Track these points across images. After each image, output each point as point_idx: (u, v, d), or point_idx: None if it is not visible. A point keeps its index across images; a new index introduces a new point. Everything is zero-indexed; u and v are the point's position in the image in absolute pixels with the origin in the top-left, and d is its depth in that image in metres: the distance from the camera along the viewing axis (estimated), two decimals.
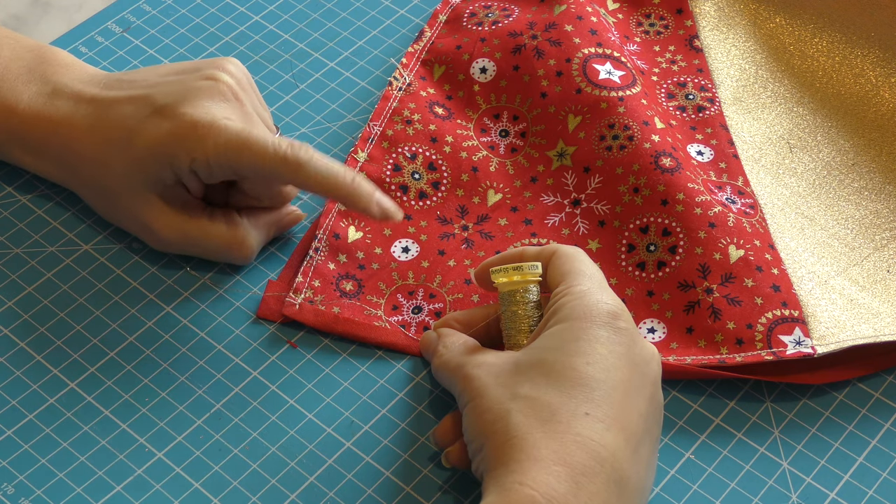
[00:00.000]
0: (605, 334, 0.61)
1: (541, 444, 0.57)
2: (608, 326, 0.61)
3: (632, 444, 0.59)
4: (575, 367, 0.60)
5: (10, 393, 0.69)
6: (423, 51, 0.85)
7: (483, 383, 0.62)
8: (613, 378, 0.60)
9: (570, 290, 0.63)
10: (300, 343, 0.72)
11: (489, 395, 0.61)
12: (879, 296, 0.73)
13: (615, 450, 0.58)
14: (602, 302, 0.62)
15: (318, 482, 0.66)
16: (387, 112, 0.81)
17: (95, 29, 0.88)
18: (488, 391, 0.61)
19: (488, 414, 0.60)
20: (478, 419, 0.61)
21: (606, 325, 0.61)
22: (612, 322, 0.62)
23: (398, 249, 0.76)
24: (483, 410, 0.61)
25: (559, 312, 0.63)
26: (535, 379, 0.60)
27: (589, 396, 0.59)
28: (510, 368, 0.62)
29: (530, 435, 0.58)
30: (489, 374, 0.62)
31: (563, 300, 0.63)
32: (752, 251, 0.73)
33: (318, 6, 0.90)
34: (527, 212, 0.78)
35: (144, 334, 0.72)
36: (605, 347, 0.61)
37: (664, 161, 0.76)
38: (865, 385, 0.71)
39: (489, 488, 0.58)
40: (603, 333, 0.61)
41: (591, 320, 0.61)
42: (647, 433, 0.60)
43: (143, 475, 0.66)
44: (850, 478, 0.67)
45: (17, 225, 0.77)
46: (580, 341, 0.61)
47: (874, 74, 0.84)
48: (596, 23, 0.83)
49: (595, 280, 0.64)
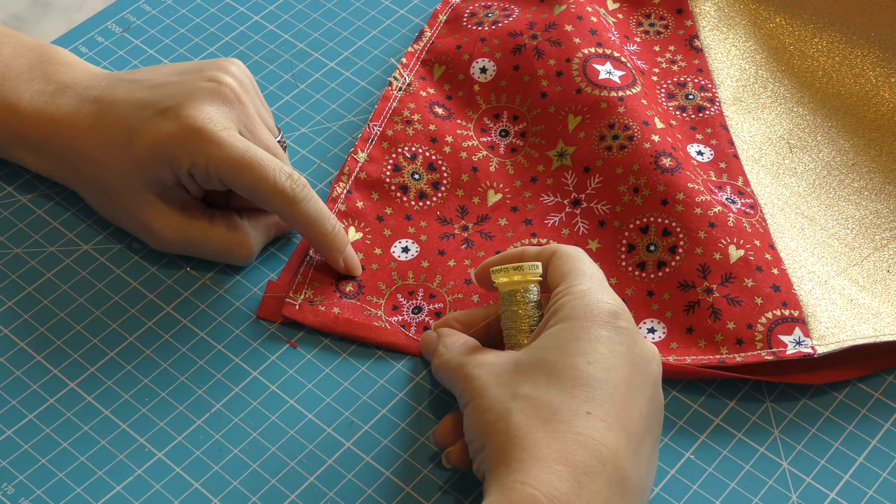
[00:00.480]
0: (606, 334, 0.61)
1: (542, 443, 0.57)
2: (609, 326, 0.61)
3: (633, 444, 0.59)
4: (576, 366, 0.60)
5: (11, 393, 0.69)
6: (423, 51, 0.85)
7: (484, 383, 0.62)
8: (614, 377, 0.60)
9: (571, 289, 0.63)
10: (300, 343, 0.72)
11: (490, 395, 0.61)
12: (879, 296, 0.73)
13: (617, 449, 0.58)
14: (603, 301, 0.62)
15: (318, 482, 0.66)
16: (387, 112, 0.81)
17: (95, 29, 0.88)
18: (489, 391, 0.61)
19: (489, 413, 0.60)
20: (479, 419, 0.61)
21: (607, 325, 0.61)
22: (612, 321, 0.62)
23: (398, 250, 0.76)
24: (484, 410, 0.61)
25: (559, 312, 0.63)
26: (535, 378, 0.60)
27: (590, 396, 0.59)
28: (511, 368, 0.62)
29: (531, 434, 0.58)
30: (490, 374, 0.62)
31: (564, 300, 0.63)
32: (752, 251, 0.73)
33: (318, 6, 0.90)
34: (527, 212, 0.78)
35: (144, 334, 0.72)
36: (605, 347, 0.61)
37: (664, 161, 0.76)
38: (865, 385, 0.71)
39: (491, 488, 0.58)
40: (604, 333, 0.61)
41: (592, 320, 0.61)
42: (647, 433, 0.60)
43: (143, 475, 0.66)
44: (850, 478, 0.67)
45: (17, 225, 0.77)
46: (581, 341, 0.61)
47: (874, 74, 0.84)
48: (596, 23, 0.83)
49: (595, 280, 0.64)
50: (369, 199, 0.77)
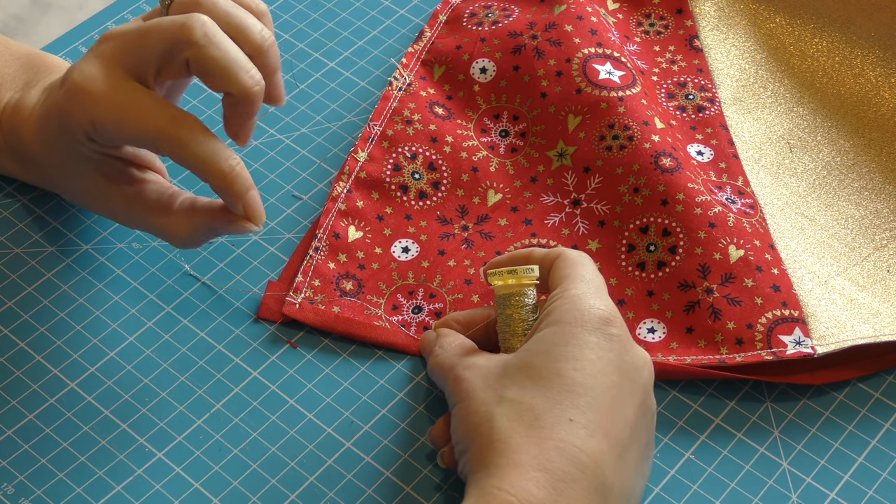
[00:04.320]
0: (595, 339, 0.61)
1: (522, 448, 0.57)
2: (599, 332, 0.61)
3: (616, 451, 0.58)
4: (561, 372, 0.59)
5: (11, 393, 0.69)
6: (423, 51, 0.85)
7: (471, 385, 0.62)
8: (600, 384, 0.59)
9: (565, 293, 0.63)
10: (300, 343, 0.72)
11: (476, 398, 0.61)
12: (879, 296, 0.73)
13: (598, 457, 0.57)
14: (595, 307, 0.62)
15: (318, 482, 0.66)
16: (387, 112, 0.81)
17: (96, 29, 0.88)
18: (476, 393, 0.61)
19: (474, 416, 0.60)
20: (464, 421, 0.61)
21: (597, 331, 0.61)
22: (602, 328, 0.61)
23: (398, 249, 0.76)
24: (469, 413, 0.60)
25: (551, 315, 0.62)
26: (522, 382, 0.60)
27: (574, 402, 0.59)
28: (499, 371, 0.61)
29: (512, 439, 0.58)
30: (478, 376, 0.62)
31: (556, 303, 0.63)
32: (751, 251, 0.73)
33: (318, 6, 0.90)
34: (527, 212, 0.78)
35: (144, 334, 0.72)
36: (593, 353, 0.60)
37: (664, 161, 0.76)
38: (865, 385, 0.71)
39: (470, 491, 0.58)
40: (592, 339, 0.61)
41: (582, 325, 0.61)
42: (634, 440, 0.60)
43: (143, 475, 0.66)
44: (850, 478, 0.67)
45: (17, 225, 0.77)
46: (569, 346, 0.60)
47: (874, 74, 0.84)
48: (596, 23, 0.83)
49: (592, 285, 0.64)
50: (369, 198, 0.77)
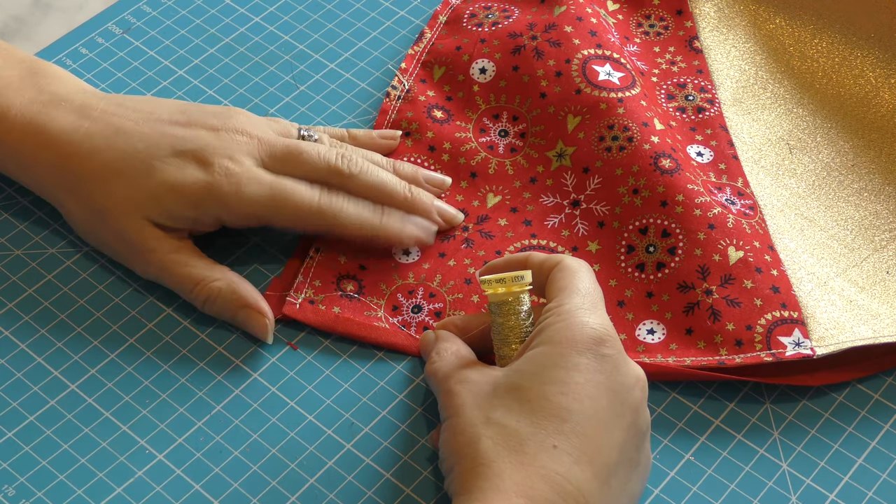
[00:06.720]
0: (585, 361, 0.60)
1: (506, 474, 0.57)
2: (590, 353, 0.60)
3: (601, 478, 0.58)
4: (548, 395, 0.59)
5: (11, 395, 0.69)
6: (424, 52, 0.85)
7: (462, 401, 0.61)
8: (588, 408, 0.59)
9: (559, 308, 0.62)
10: (300, 345, 0.72)
11: (465, 415, 0.61)
12: (879, 297, 0.73)
13: (581, 484, 0.57)
14: (588, 325, 0.61)
15: (318, 484, 0.66)
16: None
17: (96, 30, 0.88)
18: (465, 411, 0.61)
19: (461, 436, 0.60)
20: (451, 439, 0.60)
21: (588, 352, 0.60)
22: (594, 348, 0.60)
23: (399, 251, 0.76)
24: (457, 431, 0.60)
25: (543, 333, 0.62)
26: (509, 405, 0.60)
27: (559, 428, 0.58)
28: (489, 390, 0.61)
29: (496, 464, 0.57)
30: (469, 393, 0.62)
31: (550, 320, 0.62)
32: (751, 252, 0.73)
33: (318, 7, 0.90)
34: (526, 213, 0.78)
35: (145, 336, 0.72)
36: (582, 376, 0.60)
37: (664, 162, 0.76)
38: (865, 386, 0.71)
39: None
40: (583, 360, 0.60)
41: (573, 346, 0.60)
42: (622, 463, 0.59)
43: (144, 477, 0.66)
44: (850, 479, 0.67)
45: (17, 227, 0.77)
46: (558, 368, 0.60)
47: (874, 75, 0.84)
48: (596, 24, 0.83)
49: (588, 299, 0.63)
50: None
